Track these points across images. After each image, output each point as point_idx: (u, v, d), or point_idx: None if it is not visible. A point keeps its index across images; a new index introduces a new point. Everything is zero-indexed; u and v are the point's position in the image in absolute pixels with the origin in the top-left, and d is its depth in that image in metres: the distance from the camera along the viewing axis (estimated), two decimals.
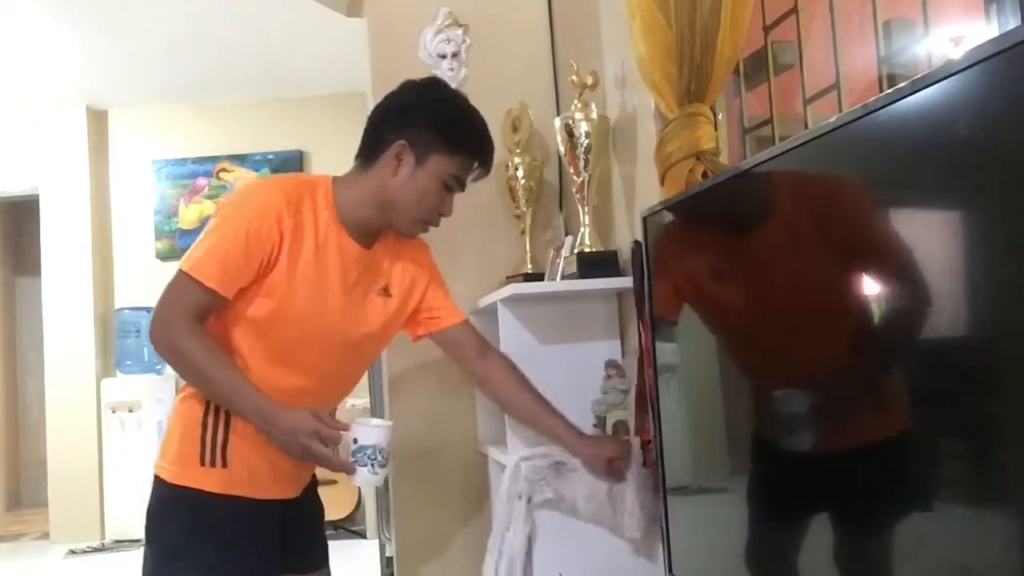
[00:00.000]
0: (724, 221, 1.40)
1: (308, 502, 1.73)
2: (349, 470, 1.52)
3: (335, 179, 1.66)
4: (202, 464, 1.55)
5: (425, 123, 1.63)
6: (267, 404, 1.51)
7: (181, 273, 1.51)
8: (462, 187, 1.70)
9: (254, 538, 1.60)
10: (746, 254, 1.32)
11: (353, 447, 1.50)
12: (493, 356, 1.85)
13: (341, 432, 1.51)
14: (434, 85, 1.72)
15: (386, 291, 1.72)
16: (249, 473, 1.57)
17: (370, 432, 1.52)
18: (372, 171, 1.64)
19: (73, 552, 4.98)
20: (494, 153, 1.72)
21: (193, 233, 5.60)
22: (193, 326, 1.50)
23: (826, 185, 1.10)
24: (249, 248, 1.51)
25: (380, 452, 1.51)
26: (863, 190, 1.01)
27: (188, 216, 5.65)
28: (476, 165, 1.68)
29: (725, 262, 1.41)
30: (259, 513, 1.60)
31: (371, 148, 1.66)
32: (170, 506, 1.57)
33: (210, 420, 1.57)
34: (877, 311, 1.00)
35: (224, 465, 1.55)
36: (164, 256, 5.63)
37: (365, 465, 1.50)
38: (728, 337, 1.43)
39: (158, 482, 1.59)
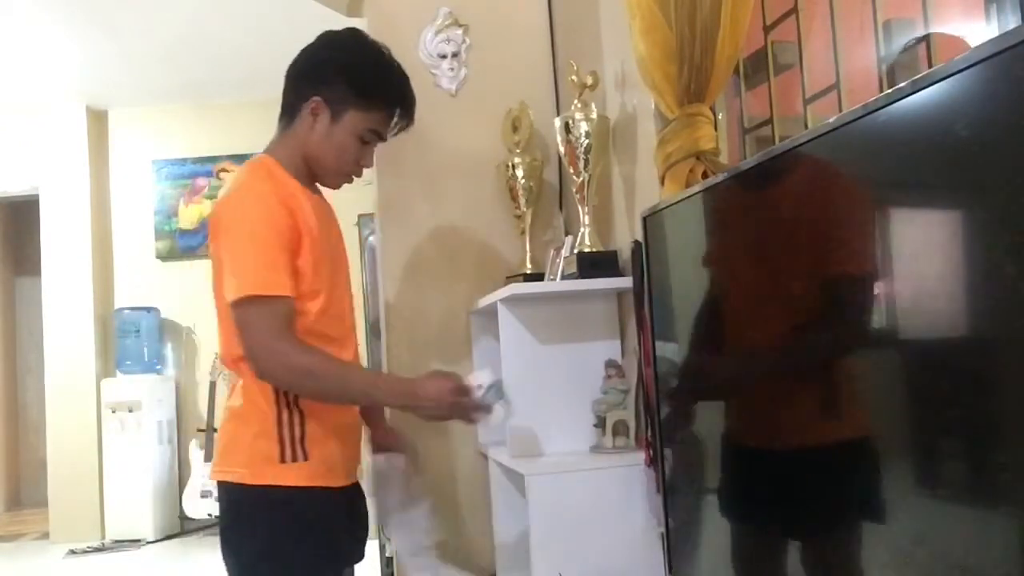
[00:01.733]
0: (721, 220, 1.40)
1: (358, 488, 1.73)
2: (489, 411, 1.56)
3: (268, 151, 1.65)
4: (282, 461, 1.53)
5: (338, 78, 1.62)
6: (404, 382, 1.61)
7: (249, 300, 1.48)
8: (382, 139, 1.70)
9: (337, 527, 1.60)
10: (737, 252, 1.32)
11: (480, 392, 1.56)
12: None
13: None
14: (350, 38, 1.71)
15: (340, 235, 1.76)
16: (326, 462, 1.57)
17: (485, 373, 1.59)
18: (293, 130, 1.65)
19: (73, 552, 4.97)
20: (415, 103, 1.71)
21: (193, 233, 5.60)
22: (295, 341, 1.50)
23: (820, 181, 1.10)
24: (282, 242, 1.51)
25: (501, 387, 1.58)
26: (853, 189, 1.01)
27: (188, 216, 5.65)
28: (397, 115, 1.68)
29: (718, 259, 1.41)
30: (338, 501, 1.60)
31: (291, 106, 1.67)
32: (252, 507, 1.54)
33: (285, 417, 1.54)
34: (871, 311, 1.00)
35: (305, 458, 1.54)
36: (164, 256, 5.63)
37: (496, 402, 1.57)
38: (722, 332, 1.43)
39: (232, 487, 1.55)
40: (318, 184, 1.70)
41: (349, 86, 1.62)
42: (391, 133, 1.71)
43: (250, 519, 1.55)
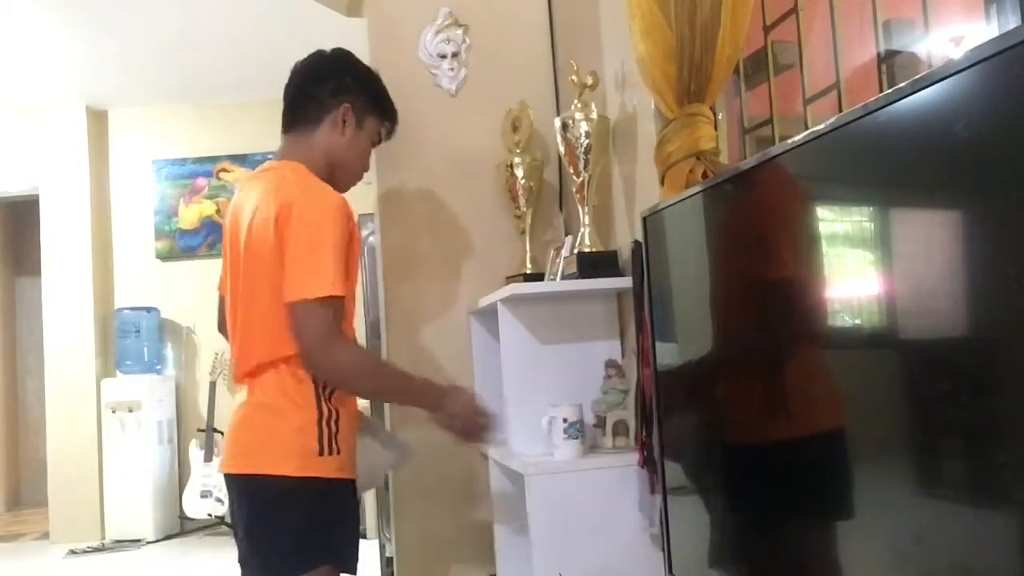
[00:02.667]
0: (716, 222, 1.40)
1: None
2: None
3: (295, 158, 1.72)
4: (320, 454, 1.62)
5: (360, 89, 1.79)
6: (435, 387, 1.73)
7: (322, 300, 1.55)
8: (377, 144, 1.87)
9: (358, 514, 1.78)
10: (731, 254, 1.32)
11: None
12: None
13: None
14: (350, 54, 1.85)
15: None
16: (350, 457, 1.70)
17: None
18: (314, 137, 1.75)
19: (73, 552, 4.97)
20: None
21: (193, 233, 5.60)
22: (346, 338, 1.63)
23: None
24: (344, 245, 1.61)
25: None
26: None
27: (188, 216, 5.65)
28: (390, 120, 1.86)
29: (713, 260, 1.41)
30: (354, 491, 1.73)
31: (311, 115, 1.76)
32: (291, 497, 1.62)
33: (325, 414, 1.64)
34: (873, 311, 1.00)
35: (339, 452, 1.65)
36: (164, 256, 5.63)
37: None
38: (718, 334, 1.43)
39: (271, 479, 1.62)
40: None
41: (369, 96, 1.80)
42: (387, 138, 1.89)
43: (289, 508, 1.62)
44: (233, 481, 1.68)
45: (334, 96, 1.75)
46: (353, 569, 1.68)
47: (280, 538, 1.62)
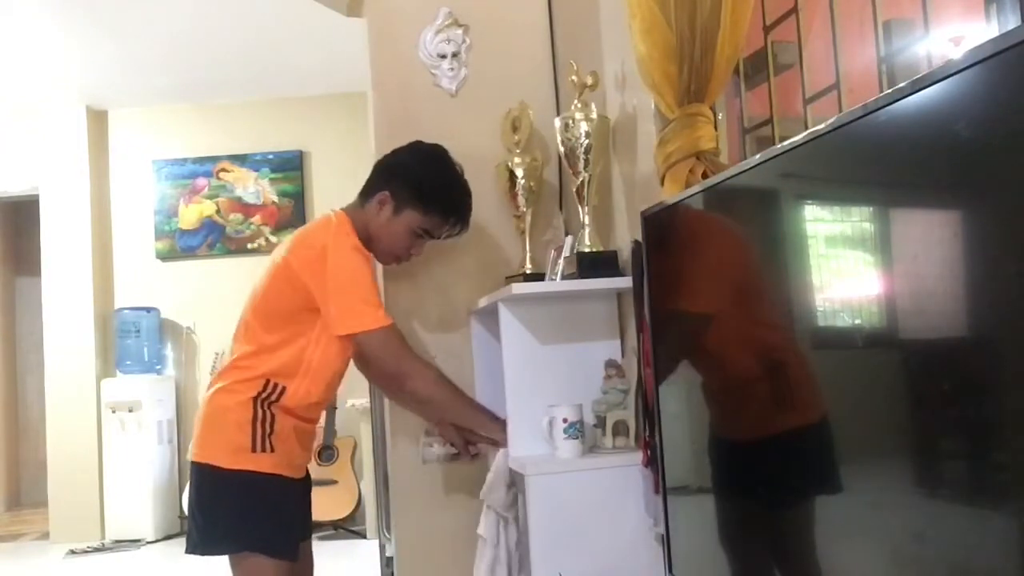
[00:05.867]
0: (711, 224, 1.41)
1: (306, 481, 2.12)
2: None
3: (347, 211, 2.04)
4: (253, 451, 1.89)
5: (407, 181, 2.02)
6: (486, 421, 2.09)
7: (378, 330, 1.92)
8: (434, 237, 2.09)
9: (295, 509, 2.02)
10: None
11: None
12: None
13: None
14: (429, 153, 2.09)
15: None
16: (288, 457, 1.96)
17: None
18: (364, 209, 2.05)
19: (73, 552, 4.98)
20: (469, 214, 2.10)
21: (193, 233, 5.60)
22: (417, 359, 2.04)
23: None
24: (373, 279, 1.97)
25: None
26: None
27: (188, 216, 5.65)
28: (450, 224, 2.07)
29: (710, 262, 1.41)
30: (295, 489, 2.01)
31: (367, 190, 2.07)
32: (224, 486, 1.91)
33: (259, 416, 1.91)
34: (873, 311, 1.00)
35: (272, 451, 1.91)
36: (164, 256, 5.63)
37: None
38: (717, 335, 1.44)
39: (211, 468, 1.90)
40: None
41: (413, 190, 2.02)
42: (446, 234, 2.10)
43: (222, 496, 1.91)
44: (191, 466, 1.96)
45: (385, 181, 2.04)
46: (285, 556, 1.90)
47: (212, 523, 1.89)
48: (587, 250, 2.00)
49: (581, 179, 2.01)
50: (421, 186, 2.02)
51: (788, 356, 1.22)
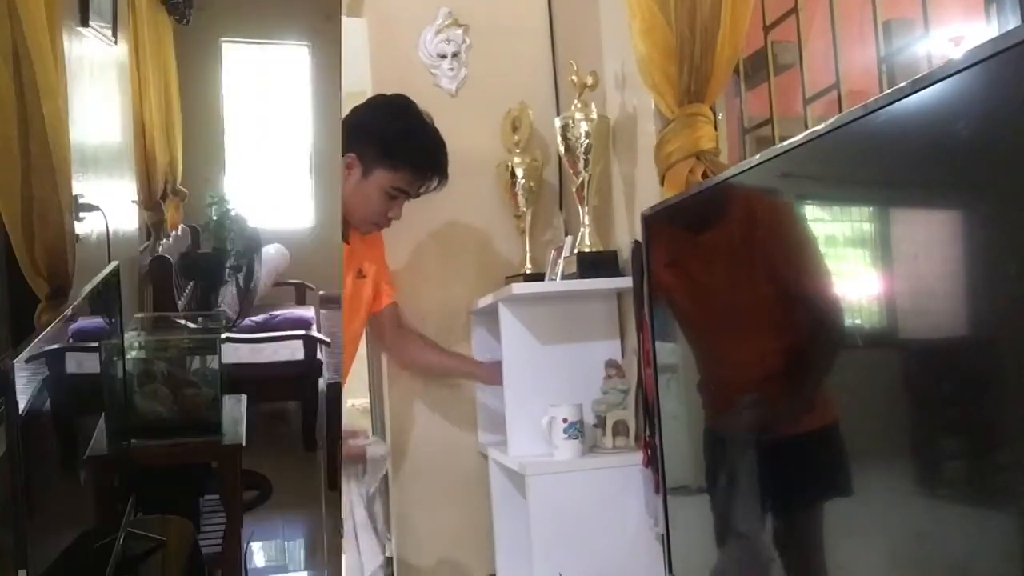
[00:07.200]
0: (710, 223, 1.41)
1: None
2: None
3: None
4: None
5: (370, 140, 1.88)
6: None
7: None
8: (411, 196, 1.95)
9: None
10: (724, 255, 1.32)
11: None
12: (406, 327, 2.23)
13: None
14: (392, 100, 1.94)
15: (361, 274, 2.03)
16: None
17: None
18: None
19: None
20: (446, 165, 1.94)
21: None
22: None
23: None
24: None
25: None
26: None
27: None
28: (426, 178, 1.92)
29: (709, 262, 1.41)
30: None
31: (344, 156, 1.94)
32: None
33: None
34: (873, 311, 1.00)
35: None
36: None
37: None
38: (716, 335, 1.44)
39: None
40: None
41: (378, 147, 1.87)
42: (422, 191, 1.95)
43: None
44: None
45: (348, 144, 1.90)
46: None
47: None
48: (587, 250, 2.00)
49: (581, 179, 2.01)
50: (386, 141, 1.87)
51: (788, 356, 1.22)
